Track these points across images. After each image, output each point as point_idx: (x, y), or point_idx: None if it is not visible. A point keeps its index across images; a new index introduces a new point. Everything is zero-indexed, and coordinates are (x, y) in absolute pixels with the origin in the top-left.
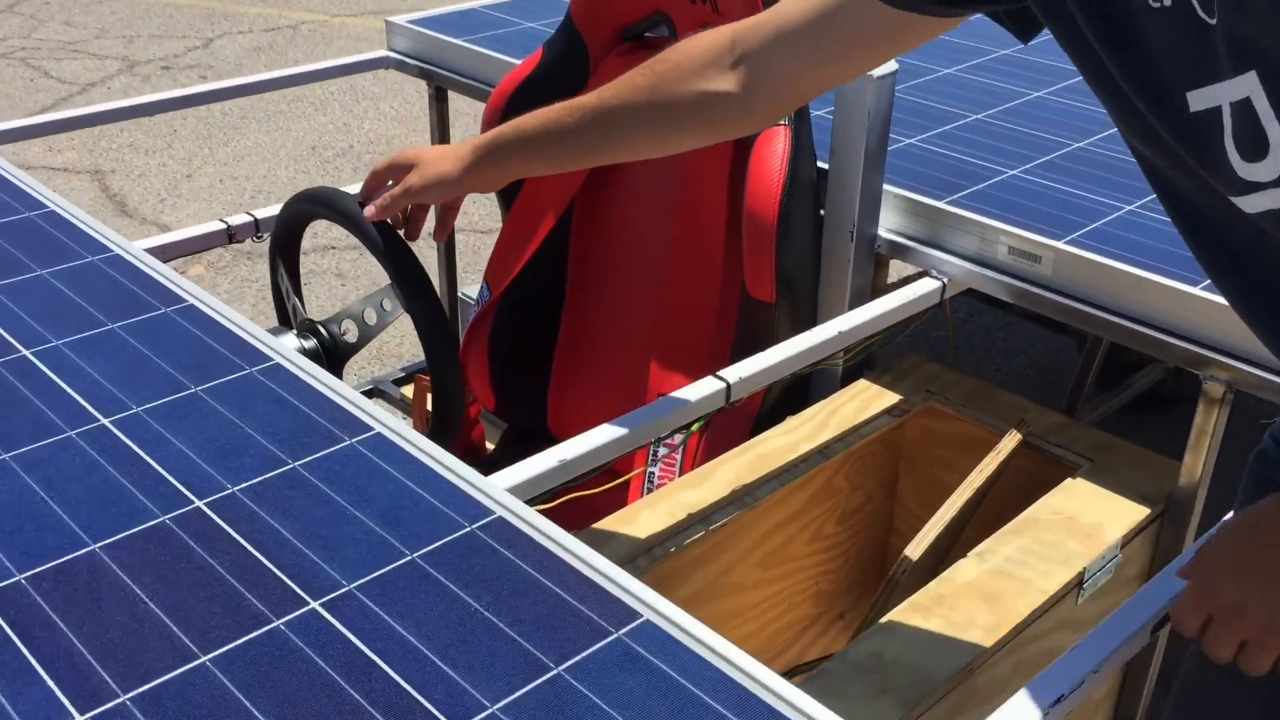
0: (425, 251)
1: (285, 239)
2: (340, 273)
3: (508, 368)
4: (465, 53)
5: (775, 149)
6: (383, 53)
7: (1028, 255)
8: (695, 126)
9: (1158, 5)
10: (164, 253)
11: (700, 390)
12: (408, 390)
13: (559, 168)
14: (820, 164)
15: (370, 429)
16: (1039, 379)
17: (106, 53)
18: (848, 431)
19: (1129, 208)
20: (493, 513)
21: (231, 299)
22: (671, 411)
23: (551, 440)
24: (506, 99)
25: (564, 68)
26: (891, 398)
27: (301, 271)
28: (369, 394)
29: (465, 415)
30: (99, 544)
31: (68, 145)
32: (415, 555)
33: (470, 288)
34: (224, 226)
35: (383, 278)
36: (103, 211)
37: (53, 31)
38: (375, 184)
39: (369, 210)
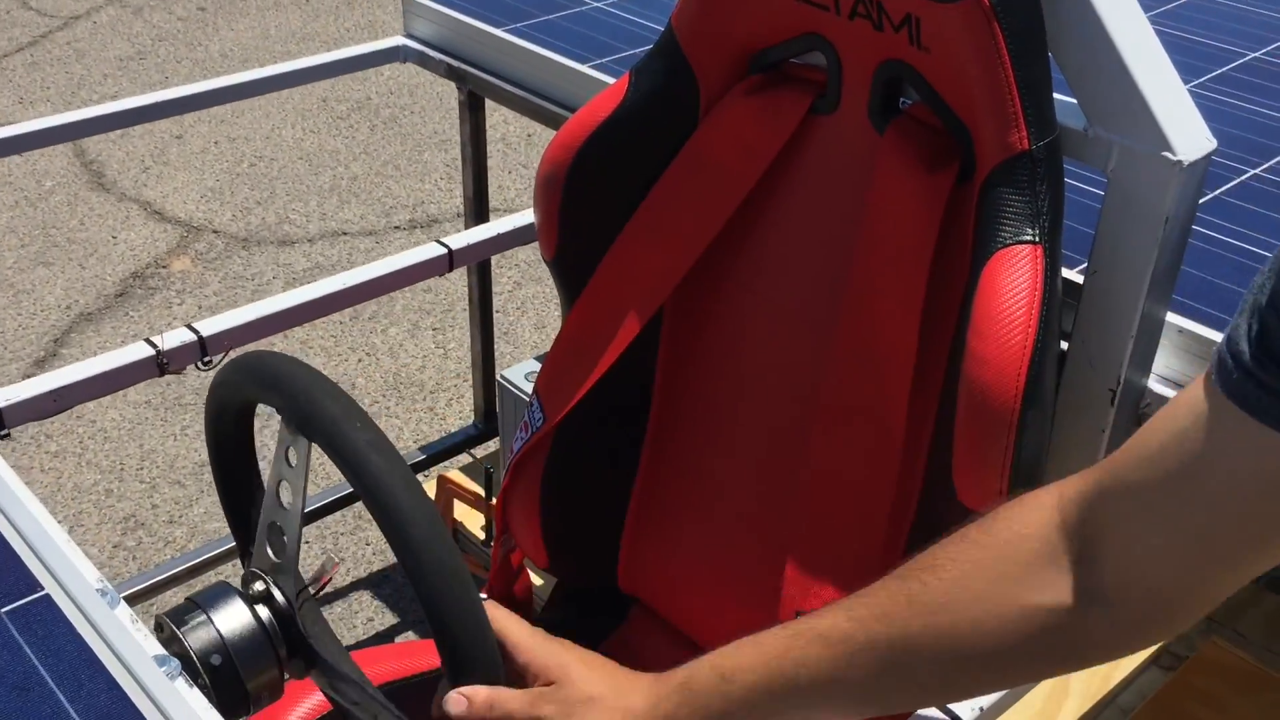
0: (454, 283)
1: (221, 430)
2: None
3: (566, 516)
4: (507, 49)
5: (1019, 280)
6: (398, 40)
7: None
8: (1033, 661)
9: None
10: (54, 401)
11: None
12: (428, 487)
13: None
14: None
15: None
16: None
17: None
18: (1098, 707)
19: None
20: None
21: (221, 304)
22: None
23: (622, 602)
24: (579, 148)
25: (662, 107)
26: None
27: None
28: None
29: (506, 566)
30: None
31: (41, 97)
32: None
33: (515, 368)
34: (152, 352)
35: None
36: (75, 184)
37: None
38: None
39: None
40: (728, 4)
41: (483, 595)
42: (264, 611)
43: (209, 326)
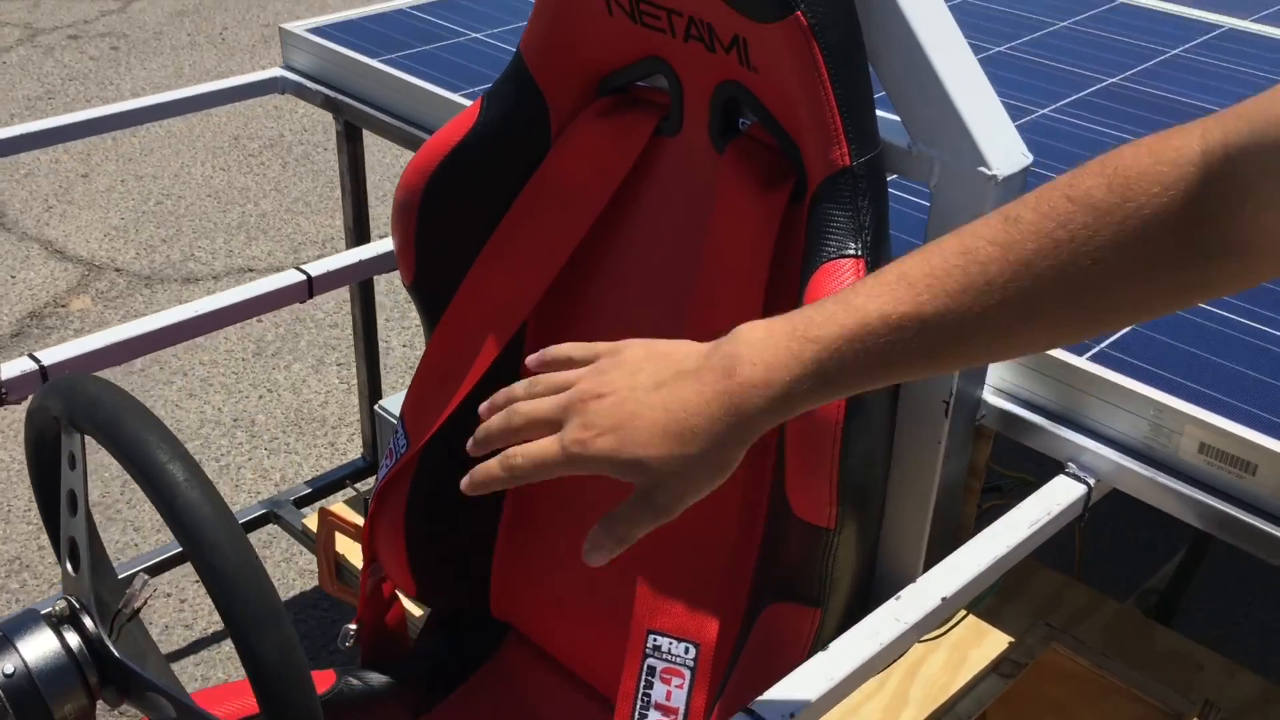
0: (335, 322)
1: (35, 456)
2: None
3: (433, 543)
4: (383, 79)
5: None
6: (276, 72)
7: (1233, 460)
8: (1188, 287)
9: None
10: None
11: None
12: (311, 521)
13: (947, 367)
14: None
15: None
16: None
17: (7, 18)
18: (940, 711)
19: None
20: None
21: None
22: None
23: (496, 629)
24: (432, 172)
25: (514, 130)
26: (997, 640)
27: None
28: (262, 519)
29: (377, 595)
30: None
31: None
32: None
33: (392, 398)
34: None
35: None
36: None
37: None
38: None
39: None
40: (572, 29)
41: (352, 627)
42: (73, 637)
43: (51, 355)
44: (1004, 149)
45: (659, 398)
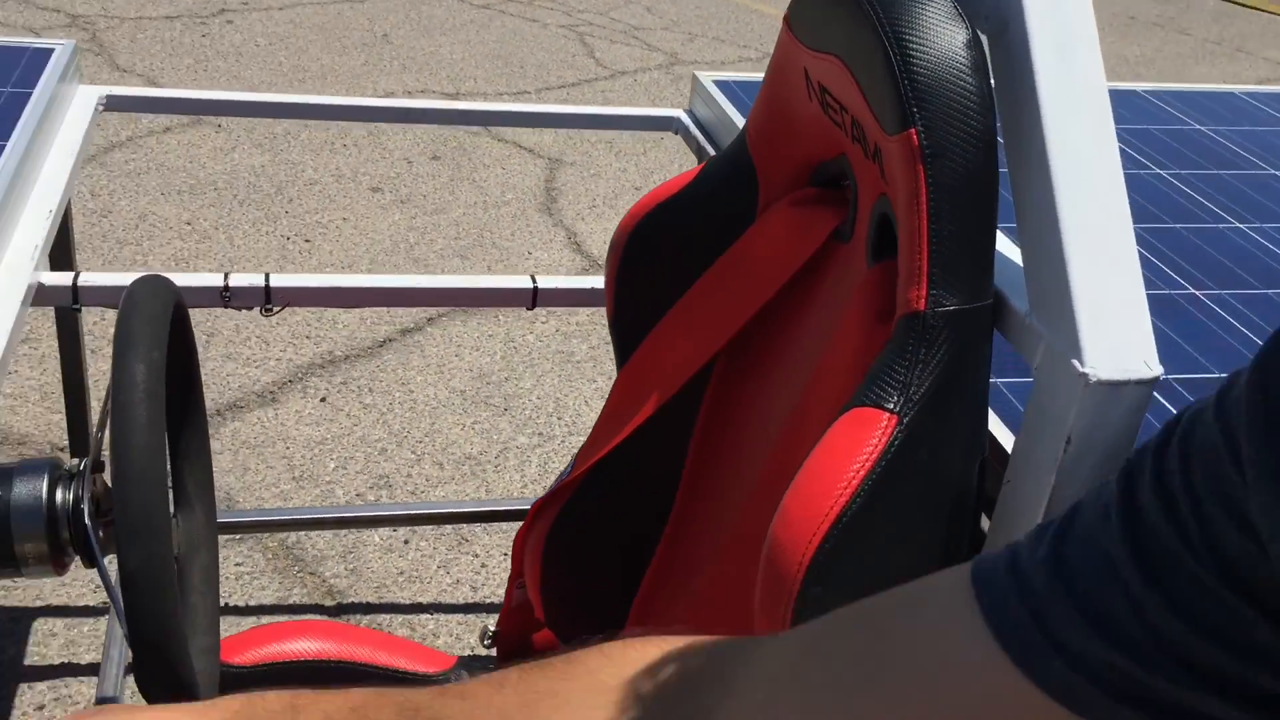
0: None
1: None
2: None
3: (569, 573)
4: None
5: (856, 445)
6: (677, 112)
7: None
8: None
9: None
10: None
11: None
12: None
13: None
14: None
15: None
16: None
17: (661, 45)
18: None
19: None
20: None
21: (575, 320)
22: None
23: None
24: (640, 218)
25: (722, 199)
26: None
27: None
28: None
29: (523, 609)
30: None
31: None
32: None
33: None
34: (220, 285)
35: None
36: (529, 203)
37: (630, 15)
38: None
39: None
40: (785, 111)
41: (492, 627)
42: (61, 493)
43: (279, 280)
44: (1114, 349)
45: None
